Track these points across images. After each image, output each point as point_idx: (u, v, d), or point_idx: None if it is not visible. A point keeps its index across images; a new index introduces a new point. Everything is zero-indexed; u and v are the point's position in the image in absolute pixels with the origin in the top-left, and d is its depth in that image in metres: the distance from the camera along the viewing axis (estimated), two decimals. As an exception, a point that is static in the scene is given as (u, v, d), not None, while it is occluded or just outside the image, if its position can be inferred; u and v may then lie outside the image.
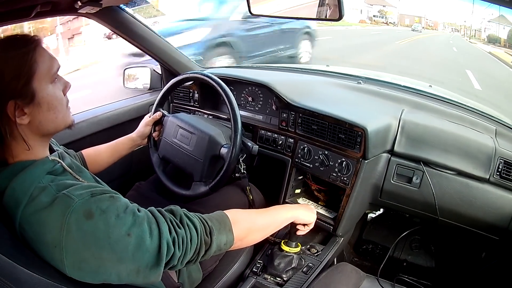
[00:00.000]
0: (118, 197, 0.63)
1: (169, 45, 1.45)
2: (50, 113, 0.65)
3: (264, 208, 0.85)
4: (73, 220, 0.56)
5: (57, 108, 0.66)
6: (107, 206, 0.59)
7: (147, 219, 0.61)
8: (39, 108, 0.63)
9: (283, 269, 0.95)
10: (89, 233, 0.56)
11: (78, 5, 0.97)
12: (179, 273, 0.88)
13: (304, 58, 4.65)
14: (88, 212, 0.57)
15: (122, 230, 0.58)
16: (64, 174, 0.67)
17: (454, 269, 1.29)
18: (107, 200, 0.60)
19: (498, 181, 0.96)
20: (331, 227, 1.07)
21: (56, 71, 0.66)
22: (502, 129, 1.07)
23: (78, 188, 0.60)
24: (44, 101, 0.63)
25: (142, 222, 0.60)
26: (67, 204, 0.57)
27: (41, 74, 0.62)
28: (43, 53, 0.63)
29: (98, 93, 3.79)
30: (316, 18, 0.91)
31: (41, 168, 0.63)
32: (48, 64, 0.64)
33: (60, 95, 0.67)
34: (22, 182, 0.60)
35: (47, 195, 0.59)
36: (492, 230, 1.00)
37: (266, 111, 1.29)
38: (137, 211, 0.62)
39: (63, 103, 0.67)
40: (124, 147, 1.09)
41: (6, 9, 0.79)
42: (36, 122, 0.63)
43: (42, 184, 0.60)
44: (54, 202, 0.58)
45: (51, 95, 0.64)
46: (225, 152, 1.00)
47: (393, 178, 1.03)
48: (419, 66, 5.93)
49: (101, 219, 0.57)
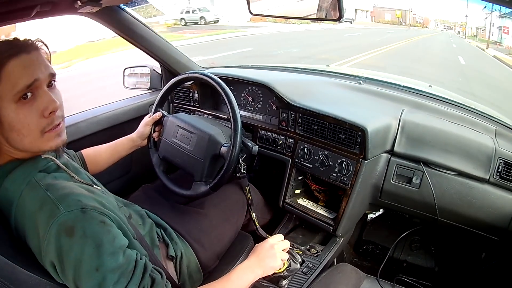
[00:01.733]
0: (111, 225, 0.60)
1: (169, 45, 1.44)
2: (13, 133, 0.59)
3: (225, 276, 0.74)
4: (53, 231, 0.55)
5: (21, 132, 0.59)
6: (93, 232, 0.57)
7: (122, 269, 0.58)
8: (1, 126, 0.58)
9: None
10: (63, 250, 0.56)
11: (78, 5, 0.97)
12: (180, 274, 0.88)
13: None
14: (70, 229, 0.55)
15: (94, 263, 0.56)
16: (59, 171, 0.66)
17: (454, 269, 1.29)
18: (97, 224, 0.58)
19: (498, 182, 0.96)
20: (331, 228, 1.07)
21: (23, 90, 0.57)
22: (502, 129, 1.07)
23: (70, 195, 0.58)
24: (4, 120, 0.58)
25: (116, 269, 0.57)
26: (53, 213, 0.56)
27: (1, 92, 0.56)
28: (12, 69, 0.56)
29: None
30: (316, 18, 0.91)
31: (32, 166, 0.62)
32: (12, 82, 0.56)
33: (25, 119, 0.58)
34: (13, 181, 0.60)
35: (36, 197, 0.58)
36: (492, 230, 1.00)
37: (266, 111, 1.29)
38: (119, 254, 0.58)
39: (30, 127, 0.59)
40: (124, 148, 1.09)
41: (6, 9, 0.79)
42: (4, 138, 0.60)
43: (32, 182, 0.60)
44: (42, 207, 0.57)
45: (11, 117, 0.57)
46: (225, 151, 1.00)
47: (393, 178, 1.03)
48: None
49: (79, 243, 0.56)
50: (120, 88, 1.60)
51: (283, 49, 8.75)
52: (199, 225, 0.99)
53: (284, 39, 10.71)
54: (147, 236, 0.85)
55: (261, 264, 0.79)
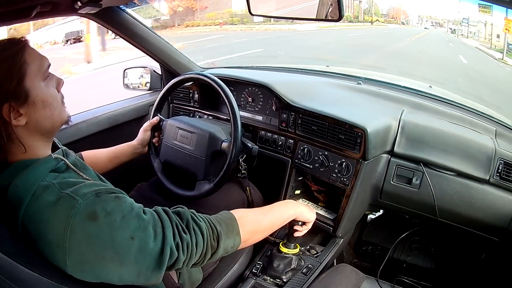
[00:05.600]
0: (124, 197, 0.62)
1: (169, 45, 1.45)
2: (46, 110, 0.65)
3: (268, 206, 0.84)
4: (77, 222, 0.56)
5: (53, 105, 0.66)
6: (112, 207, 0.58)
7: (152, 222, 0.61)
8: (34, 107, 0.63)
9: (282, 270, 0.95)
10: (93, 235, 0.56)
11: (78, 6, 0.97)
12: (180, 274, 0.88)
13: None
14: (92, 214, 0.57)
15: (126, 233, 0.58)
16: (68, 171, 0.67)
17: (454, 270, 1.29)
18: (112, 200, 0.60)
19: (498, 182, 0.96)
20: (330, 228, 1.07)
21: (47, 69, 0.66)
22: (502, 130, 1.07)
23: (82, 187, 0.60)
24: (38, 99, 0.63)
25: (147, 225, 0.60)
26: (71, 204, 0.57)
27: (32, 73, 0.63)
28: (32, 53, 0.64)
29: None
30: (316, 18, 0.91)
31: (44, 166, 0.63)
32: (38, 62, 0.64)
33: (54, 92, 0.67)
34: (25, 180, 0.60)
35: (51, 194, 0.59)
36: (492, 231, 1.00)
37: (266, 112, 1.29)
38: (142, 213, 0.61)
39: (58, 99, 0.68)
40: (125, 154, 1.09)
41: (6, 9, 0.79)
42: (33, 122, 0.64)
43: (45, 182, 0.60)
44: (58, 202, 0.58)
45: (44, 93, 0.65)
46: (227, 146, 1.00)
47: (393, 179, 1.03)
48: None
49: (105, 222, 0.57)
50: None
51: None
52: None
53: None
54: None
55: (301, 206, 0.89)
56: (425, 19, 10.42)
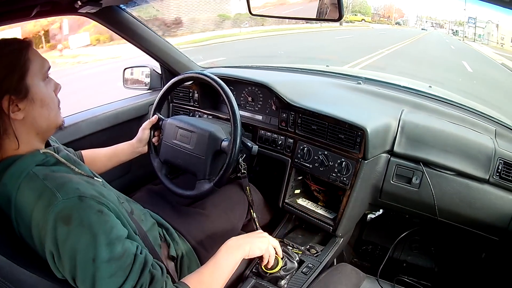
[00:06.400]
0: (108, 215, 0.60)
1: (169, 45, 1.45)
2: (43, 109, 0.66)
3: (212, 260, 0.74)
4: (51, 220, 0.56)
5: (50, 106, 0.68)
6: (90, 221, 0.57)
7: (120, 262, 0.58)
8: (32, 104, 0.64)
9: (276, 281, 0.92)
10: (58, 238, 0.56)
11: (78, 5, 0.97)
12: (180, 274, 0.89)
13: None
14: (66, 218, 0.56)
15: (89, 254, 0.56)
16: (58, 164, 0.67)
17: (454, 269, 1.29)
18: (94, 214, 0.58)
19: (498, 182, 0.96)
20: (330, 228, 1.07)
21: (47, 70, 0.68)
22: (501, 129, 1.07)
23: (68, 183, 0.59)
24: (37, 97, 0.65)
25: (112, 261, 0.57)
26: (50, 201, 0.57)
27: (34, 71, 0.64)
28: (35, 52, 0.66)
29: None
30: (316, 18, 0.91)
31: (30, 159, 0.64)
32: (40, 62, 0.66)
33: (52, 94, 0.69)
34: (11, 175, 0.61)
35: (34, 187, 0.59)
36: (492, 230, 1.00)
37: (266, 111, 1.29)
38: (116, 245, 0.58)
39: (55, 102, 0.70)
40: (124, 153, 1.09)
41: (6, 9, 0.79)
42: (30, 118, 0.65)
43: (30, 174, 0.61)
44: (40, 197, 0.58)
45: (43, 92, 0.66)
46: (226, 145, 1.00)
47: (393, 178, 1.03)
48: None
49: (75, 232, 0.56)
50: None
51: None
52: (201, 226, 0.99)
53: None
54: (149, 234, 0.85)
55: (250, 240, 0.79)
56: (424, 19, 9.40)
